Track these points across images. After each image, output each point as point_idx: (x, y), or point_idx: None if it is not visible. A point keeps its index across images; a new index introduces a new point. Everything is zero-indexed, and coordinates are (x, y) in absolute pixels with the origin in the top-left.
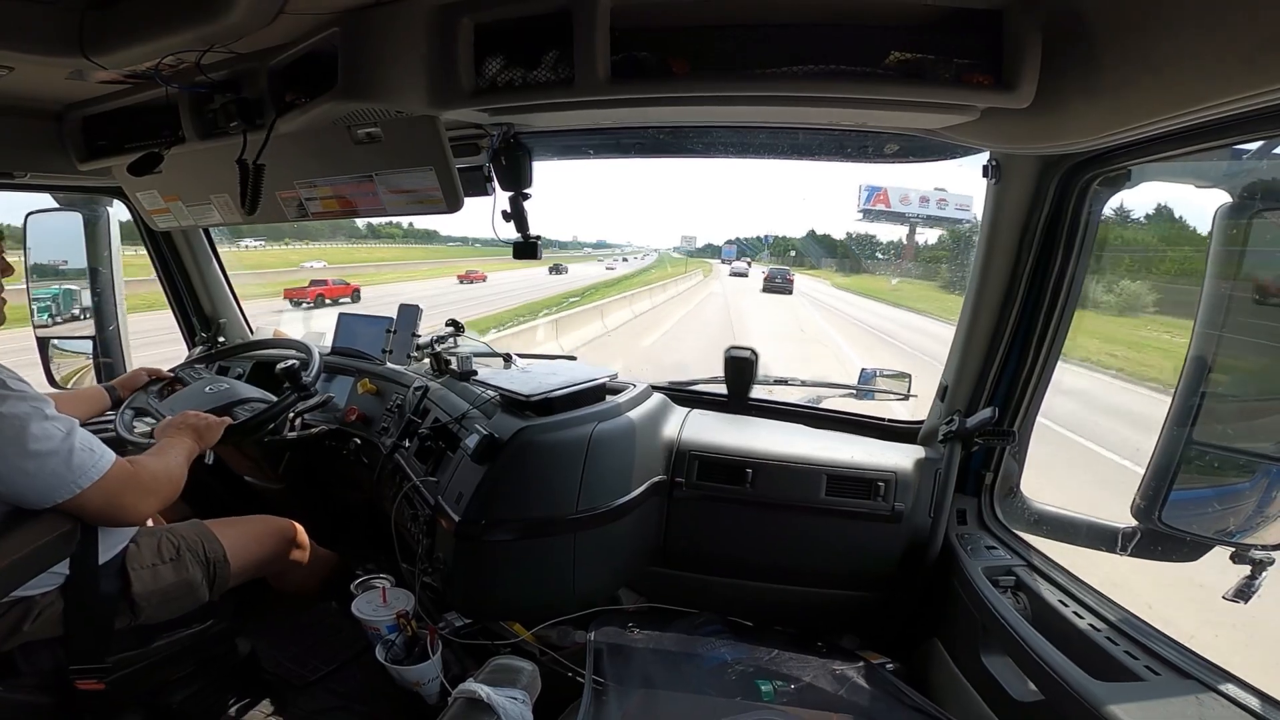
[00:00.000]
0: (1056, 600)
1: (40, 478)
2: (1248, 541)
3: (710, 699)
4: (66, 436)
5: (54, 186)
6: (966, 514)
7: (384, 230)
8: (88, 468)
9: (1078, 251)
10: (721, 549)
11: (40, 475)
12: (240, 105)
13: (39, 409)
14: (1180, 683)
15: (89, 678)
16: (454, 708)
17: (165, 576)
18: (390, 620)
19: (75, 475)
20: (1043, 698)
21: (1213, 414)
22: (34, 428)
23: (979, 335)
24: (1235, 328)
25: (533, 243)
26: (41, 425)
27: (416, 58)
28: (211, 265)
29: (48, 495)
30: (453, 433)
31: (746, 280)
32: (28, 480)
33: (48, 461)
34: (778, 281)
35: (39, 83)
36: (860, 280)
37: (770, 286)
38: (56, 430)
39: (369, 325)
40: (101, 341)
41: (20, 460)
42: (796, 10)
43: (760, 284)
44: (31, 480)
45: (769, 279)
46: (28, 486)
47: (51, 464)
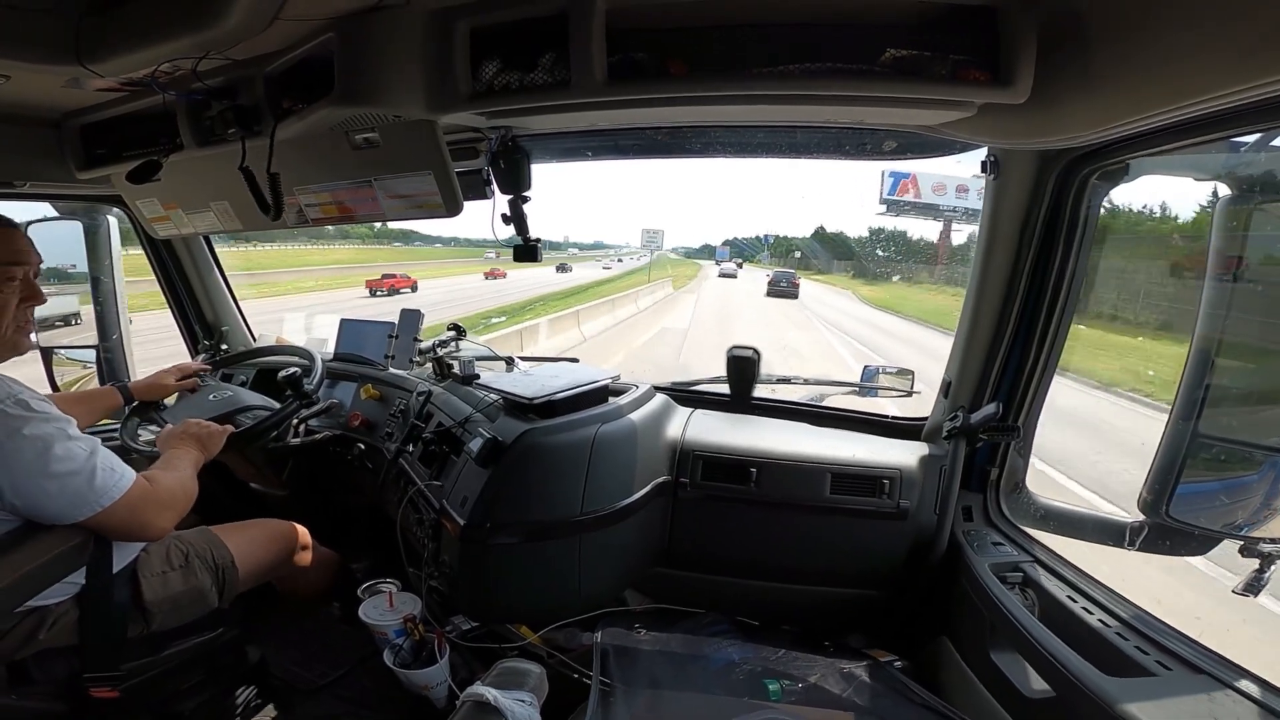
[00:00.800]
0: (1065, 596)
1: (63, 497)
2: (1256, 535)
3: (717, 699)
4: (90, 456)
5: (54, 196)
6: (972, 510)
7: (352, 231)
8: (109, 487)
9: (1078, 245)
10: (726, 549)
11: (63, 495)
12: (237, 112)
13: (62, 430)
14: (1192, 678)
15: (103, 685)
16: (462, 711)
17: (175, 583)
18: (397, 624)
19: (97, 495)
20: (1054, 694)
21: (1218, 407)
22: (58, 448)
23: (981, 331)
24: (1237, 320)
25: (533, 245)
26: (65, 446)
27: (413, 62)
28: (213, 272)
29: (70, 513)
30: (456, 437)
31: (735, 282)
32: (50, 500)
33: (70, 482)
34: (782, 286)
35: (36, 91)
36: (893, 291)
37: (775, 291)
38: (80, 450)
39: (371, 330)
40: (105, 350)
41: (44, 481)
42: (793, 9)
43: (743, 287)
44: (54, 500)
45: (773, 283)
46: (50, 505)
47: (74, 484)
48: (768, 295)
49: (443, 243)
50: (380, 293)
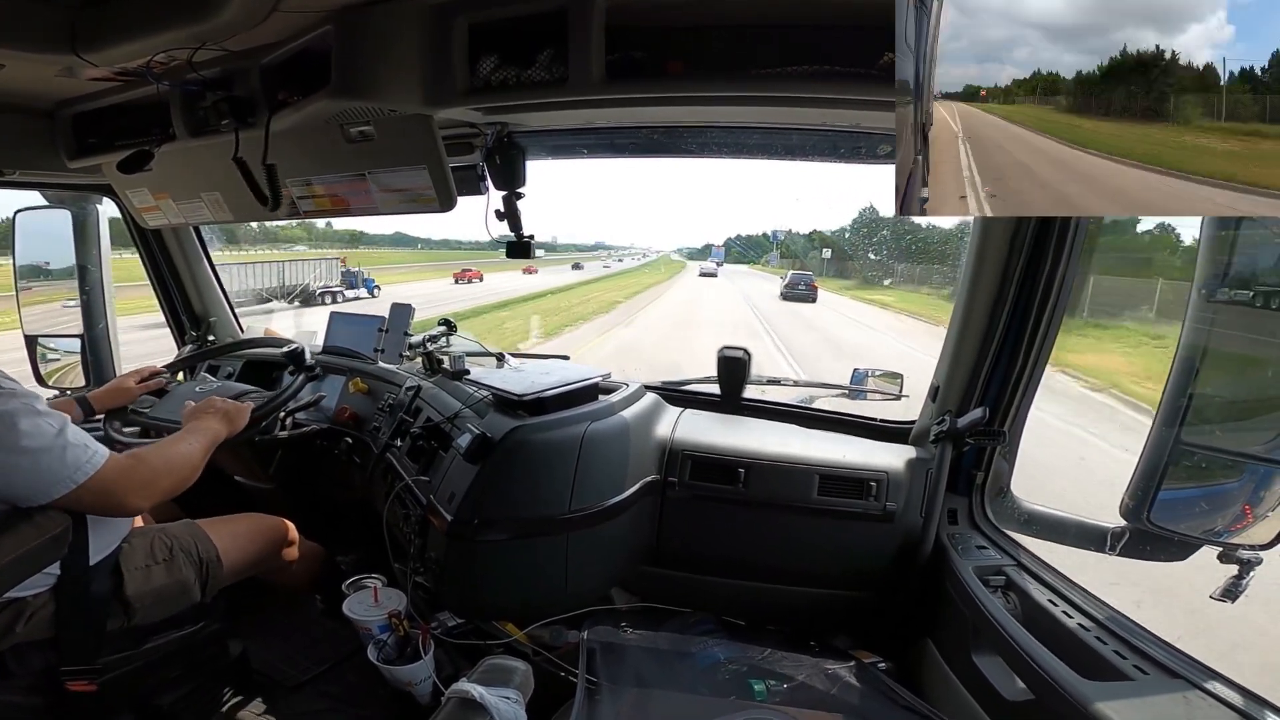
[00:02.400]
0: (1046, 600)
1: (34, 474)
2: (1235, 541)
3: (703, 698)
4: (59, 433)
5: (44, 184)
6: (958, 514)
7: (284, 233)
8: (82, 463)
9: (1068, 252)
10: (714, 549)
11: (34, 471)
12: (232, 103)
13: (29, 405)
14: (1168, 682)
15: (80, 679)
16: (447, 707)
17: (158, 577)
18: (382, 620)
19: (70, 470)
20: (1033, 697)
21: (1201, 415)
22: (24, 423)
23: (970, 336)
24: (1223, 329)
25: (526, 242)
26: (33, 421)
27: (410, 56)
28: (202, 263)
29: (43, 491)
30: (445, 432)
31: (716, 280)
32: (21, 476)
33: (41, 458)
34: (801, 289)
35: (30, 80)
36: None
37: (792, 294)
38: (49, 426)
39: (361, 325)
40: (90, 340)
41: (13, 456)
42: (792, 10)
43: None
44: (25, 476)
45: (791, 286)
46: (22, 483)
47: (45, 460)
48: (784, 299)
49: (407, 244)
50: (462, 282)
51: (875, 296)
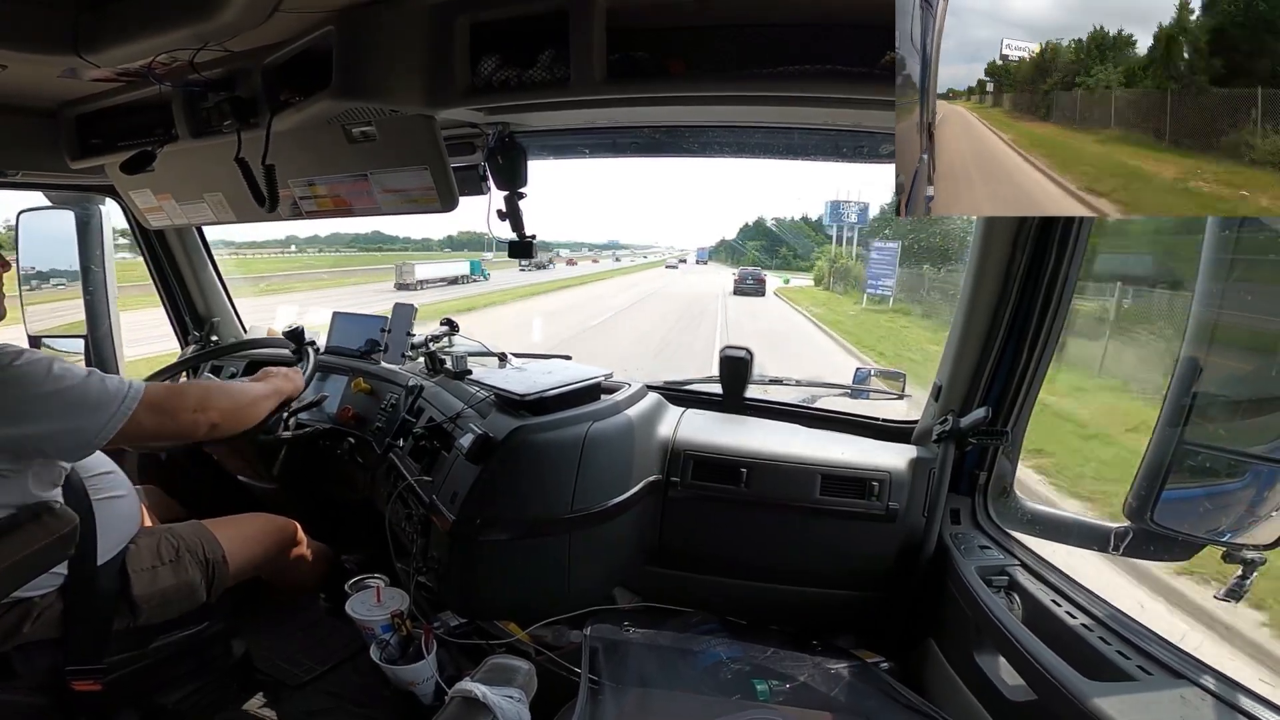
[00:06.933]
0: (1049, 600)
1: (84, 406)
2: (1239, 541)
3: (706, 698)
4: (90, 372)
5: (47, 185)
6: (960, 513)
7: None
8: (125, 387)
9: (1071, 250)
10: (717, 548)
11: (84, 403)
12: (234, 104)
13: (51, 359)
14: (1171, 682)
15: (86, 679)
16: (451, 707)
17: (165, 578)
18: (385, 620)
19: (119, 393)
20: (1035, 697)
21: (1204, 414)
22: (57, 367)
23: (973, 335)
24: (1227, 329)
25: (528, 242)
26: (63, 365)
27: (412, 56)
28: (205, 264)
29: (103, 421)
30: (447, 432)
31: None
32: (74, 411)
33: (90, 387)
34: (749, 284)
35: (32, 81)
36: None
37: (742, 289)
38: (79, 369)
39: (363, 324)
40: (94, 340)
41: (62, 392)
42: (793, 10)
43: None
44: (78, 411)
45: (740, 280)
46: (81, 416)
47: (94, 389)
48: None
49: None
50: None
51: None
